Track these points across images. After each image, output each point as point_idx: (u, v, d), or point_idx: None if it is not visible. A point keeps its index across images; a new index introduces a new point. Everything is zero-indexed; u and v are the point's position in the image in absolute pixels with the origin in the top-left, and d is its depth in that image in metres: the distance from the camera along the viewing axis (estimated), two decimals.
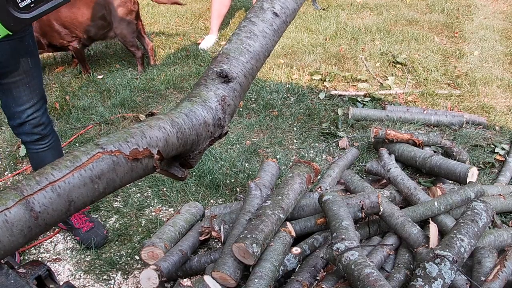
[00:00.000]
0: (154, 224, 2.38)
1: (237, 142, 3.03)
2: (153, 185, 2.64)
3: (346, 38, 4.60)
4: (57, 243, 2.33)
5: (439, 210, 2.11)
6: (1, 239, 0.65)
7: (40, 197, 0.69)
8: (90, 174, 0.75)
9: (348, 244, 1.74)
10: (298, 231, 2.07)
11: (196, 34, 4.79)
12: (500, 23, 4.99)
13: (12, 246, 0.67)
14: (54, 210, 0.71)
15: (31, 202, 0.68)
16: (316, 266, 1.90)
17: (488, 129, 3.17)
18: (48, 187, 0.70)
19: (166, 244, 2.03)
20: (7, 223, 0.66)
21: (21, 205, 0.67)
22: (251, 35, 1.19)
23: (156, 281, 1.82)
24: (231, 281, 1.80)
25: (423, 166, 2.54)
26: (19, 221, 0.67)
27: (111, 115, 3.31)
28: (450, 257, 1.70)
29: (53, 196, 0.71)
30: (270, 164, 2.38)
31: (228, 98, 1.10)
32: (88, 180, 0.75)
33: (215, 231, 2.11)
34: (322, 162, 2.84)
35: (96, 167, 0.76)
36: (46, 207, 0.70)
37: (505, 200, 2.30)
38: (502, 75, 3.90)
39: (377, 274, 1.61)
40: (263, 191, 2.17)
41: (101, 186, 0.77)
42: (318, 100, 3.52)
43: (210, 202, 2.53)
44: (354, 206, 2.04)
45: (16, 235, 0.67)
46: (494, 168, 2.75)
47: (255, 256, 1.78)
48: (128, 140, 0.82)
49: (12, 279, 0.71)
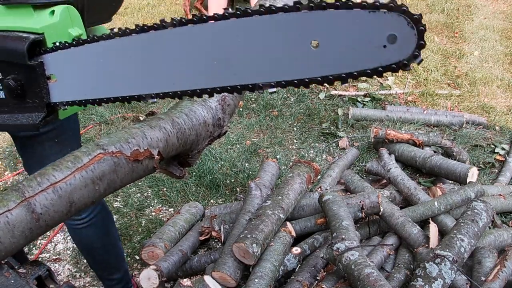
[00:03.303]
0: (154, 224, 2.38)
1: (237, 142, 3.03)
2: (153, 185, 2.64)
3: None
4: (57, 243, 2.33)
5: (439, 210, 2.11)
6: (3, 241, 0.65)
7: (41, 199, 0.69)
8: (91, 176, 0.75)
9: (348, 244, 1.74)
10: (298, 231, 2.07)
11: None
12: (500, 23, 4.99)
13: (13, 247, 0.67)
14: (55, 211, 0.71)
15: (33, 204, 0.68)
16: (316, 266, 1.90)
17: (488, 129, 3.17)
18: (50, 189, 0.70)
19: (166, 244, 2.03)
20: (9, 224, 0.66)
21: (23, 206, 0.67)
22: None
23: (156, 281, 1.82)
24: (231, 281, 1.80)
25: (423, 166, 2.54)
26: (21, 223, 0.67)
27: (111, 115, 3.31)
28: (450, 257, 1.70)
29: (55, 197, 0.71)
30: (270, 164, 2.38)
31: (228, 98, 1.10)
32: (89, 181, 0.75)
33: (215, 231, 2.11)
34: (322, 162, 2.84)
35: (97, 168, 0.76)
36: (47, 208, 0.70)
37: (505, 200, 2.30)
38: (502, 75, 3.90)
39: (377, 274, 1.61)
40: (263, 191, 2.17)
41: (101, 187, 0.77)
42: (318, 100, 3.51)
43: (210, 202, 2.53)
44: (354, 206, 2.04)
45: (17, 236, 0.67)
46: (494, 168, 2.75)
47: (255, 256, 1.78)
48: (129, 140, 0.82)
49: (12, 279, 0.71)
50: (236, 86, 0.80)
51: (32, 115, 1.02)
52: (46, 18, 1.00)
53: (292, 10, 0.69)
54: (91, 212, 1.61)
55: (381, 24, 0.64)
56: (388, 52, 0.65)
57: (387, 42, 0.65)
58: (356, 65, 0.68)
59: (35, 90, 0.99)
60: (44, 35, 0.97)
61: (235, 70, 0.78)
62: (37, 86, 0.98)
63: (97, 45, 0.89)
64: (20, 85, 0.99)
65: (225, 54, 0.78)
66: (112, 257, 1.75)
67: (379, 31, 0.65)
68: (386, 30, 0.64)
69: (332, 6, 0.67)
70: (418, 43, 0.64)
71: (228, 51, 0.78)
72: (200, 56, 0.81)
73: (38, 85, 0.98)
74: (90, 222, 1.62)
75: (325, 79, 0.71)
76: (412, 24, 0.63)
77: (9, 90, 0.99)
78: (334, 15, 0.67)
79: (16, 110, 1.04)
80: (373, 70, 0.67)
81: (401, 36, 0.63)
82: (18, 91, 1.00)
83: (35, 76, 0.98)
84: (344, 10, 0.66)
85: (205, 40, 0.79)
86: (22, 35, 0.97)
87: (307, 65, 0.71)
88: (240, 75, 0.78)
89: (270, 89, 0.77)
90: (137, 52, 0.86)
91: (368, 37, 0.66)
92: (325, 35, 0.68)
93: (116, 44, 0.88)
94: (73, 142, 1.43)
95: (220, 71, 0.80)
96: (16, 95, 1.00)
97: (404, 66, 0.65)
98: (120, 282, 1.80)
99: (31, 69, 0.97)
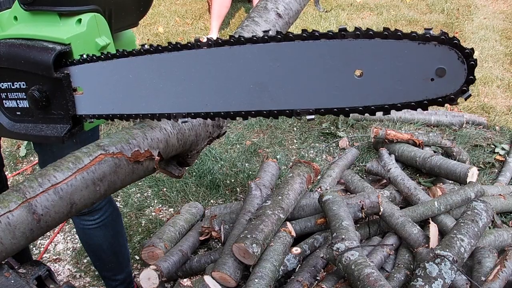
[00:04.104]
0: (154, 224, 2.38)
1: (237, 142, 3.03)
2: (153, 185, 2.64)
3: None
4: (57, 243, 2.33)
5: (439, 210, 2.11)
6: (4, 242, 0.65)
7: (42, 200, 0.69)
8: (92, 177, 0.75)
9: (348, 244, 1.74)
10: (298, 231, 2.07)
11: (196, 34, 4.79)
12: (500, 23, 4.99)
13: (14, 248, 0.67)
14: (56, 212, 0.71)
15: (34, 205, 0.68)
16: (316, 266, 1.90)
17: (488, 129, 3.17)
18: (51, 190, 0.70)
19: (166, 244, 2.03)
20: (10, 225, 0.66)
21: (24, 207, 0.67)
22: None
23: (156, 281, 1.82)
24: (231, 281, 1.80)
25: (423, 166, 2.54)
26: (22, 224, 0.67)
27: None
28: (450, 257, 1.70)
29: (55, 198, 0.71)
30: (270, 164, 2.39)
31: None
32: (90, 182, 0.75)
33: (215, 231, 2.11)
34: (322, 162, 2.84)
35: (98, 170, 0.76)
36: (48, 209, 0.70)
37: (505, 200, 2.30)
38: (502, 75, 3.90)
39: (377, 274, 1.61)
40: (263, 191, 2.17)
41: (102, 188, 0.77)
42: None
43: (210, 202, 2.53)
44: (354, 206, 2.04)
45: (18, 237, 0.67)
46: (494, 168, 2.75)
47: (255, 256, 1.78)
48: (130, 141, 0.82)
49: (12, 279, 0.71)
50: (273, 111, 0.76)
51: (57, 126, 0.99)
52: (72, 27, 0.95)
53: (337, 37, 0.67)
54: (103, 213, 1.62)
55: (431, 56, 0.62)
56: (435, 85, 0.63)
57: (435, 75, 0.62)
58: (400, 96, 0.66)
59: (60, 102, 0.96)
60: (70, 45, 0.93)
61: (273, 95, 0.75)
62: (62, 98, 0.95)
63: (128, 60, 0.86)
64: (45, 96, 0.96)
65: (264, 78, 0.75)
66: (119, 258, 1.75)
67: (427, 64, 0.62)
68: (435, 63, 0.62)
69: (379, 35, 0.64)
70: (467, 78, 0.62)
71: (267, 75, 0.74)
72: (237, 78, 0.77)
73: (64, 97, 0.94)
74: (102, 223, 1.63)
75: (366, 109, 0.69)
76: (463, 58, 0.61)
77: (34, 101, 0.96)
78: (381, 44, 0.64)
79: (40, 120, 1.01)
80: (417, 103, 0.65)
81: (450, 70, 0.61)
82: (43, 103, 0.96)
83: (60, 88, 0.94)
84: (393, 40, 0.63)
85: (242, 62, 0.76)
86: (47, 46, 0.93)
87: (349, 94, 0.69)
88: (277, 100, 0.75)
89: (308, 116, 0.74)
90: (170, 70, 0.83)
91: (415, 69, 0.64)
92: (370, 64, 0.66)
93: (148, 61, 0.84)
94: (92, 142, 1.42)
95: (257, 95, 0.76)
96: (41, 106, 0.97)
97: (451, 101, 0.63)
98: (123, 283, 1.81)
99: (57, 81, 0.93)
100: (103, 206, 1.61)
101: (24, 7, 0.97)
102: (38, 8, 0.96)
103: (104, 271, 1.79)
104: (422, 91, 0.64)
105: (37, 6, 0.96)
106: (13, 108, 1.05)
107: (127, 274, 1.82)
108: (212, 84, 0.80)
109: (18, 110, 1.04)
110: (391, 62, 0.64)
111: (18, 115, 1.05)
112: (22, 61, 0.94)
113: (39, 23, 0.98)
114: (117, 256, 1.74)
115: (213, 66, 0.79)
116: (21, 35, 0.98)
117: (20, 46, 0.95)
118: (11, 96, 1.04)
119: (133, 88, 0.88)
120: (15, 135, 1.07)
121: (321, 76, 0.70)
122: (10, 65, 0.96)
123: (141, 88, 0.87)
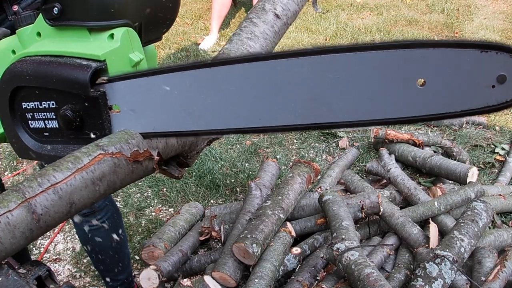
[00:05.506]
0: (154, 224, 2.38)
1: (237, 142, 3.03)
2: (153, 185, 2.64)
3: (346, 38, 4.60)
4: (57, 243, 2.33)
5: (439, 210, 2.11)
6: (3, 241, 0.65)
7: (42, 199, 0.69)
8: (91, 176, 0.75)
9: (348, 244, 1.74)
10: (298, 231, 2.07)
11: (196, 34, 4.79)
12: (500, 23, 4.99)
13: (13, 248, 0.67)
14: (56, 212, 0.71)
15: (33, 205, 0.68)
16: (316, 266, 1.90)
17: (488, 129, 3.17)
18: (50, 189, 0.70)
19: (166, 244, 2.03)
20: (9, 225, 0.66)
21: (23, 207, 0.67)
22: (252, 36, 1.19)
23: (156, 281, 1.82)
24: (231, 281, 1.80)
25: (423, 166, 2.54)
26: (21, 224, 0.67)
27: None
28: (450, 257, 1.70)
29: (55, 198, 0.71)
30: (270, 164, 2.39)
31: None
32: (89, 182, 0.75)
33: (215, 231, 2.11)
34: (322, 162, 2.84)
35: (97, 169, 0.76)
36: (47, 209, 0.69)
37: (505, 200, 2.30)
38: None
39: (377, 274, 1.61)
40: (263, 191, 2.17)
41: (101, 188, 0.77)
42: None
43: (210, 202, 2.53)
44: (354, 206, 2.04)
45: (18, 237, 0.67)
46: (494, 168, 2.75)
47: (255, 256, 1.78)
48: (129, 141, 0.82)
49: (12, 279, 0.71)
50: (332, 123, 0.74)
51: None
52: (105, 42, 0.88)
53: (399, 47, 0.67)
54: (105, 214, 1.62)
55: (492, 64, 0.64)
56: (496, 92, 0.65)
57: (496, 82, 0.64)
58: (462, 104, 0.67)
59: (95, 122, 0.88)
60: (106, 62, 0.86)
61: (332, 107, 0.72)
62: (98, 118, 0.87)
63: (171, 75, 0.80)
64: (79, 116, 0.88)
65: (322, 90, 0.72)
66: (120, 258, 1.75)
67: (489, 71, 0.64)
68: (496, 70, 0.64)
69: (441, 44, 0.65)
70: None
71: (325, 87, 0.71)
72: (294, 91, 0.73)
73: (100, 117, 0.87)
74: (104, 224, 1.63)
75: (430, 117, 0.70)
76: None
77: (66, 121, 0.88)
78: (444, 53, 0.65)
79: (71, 141, 0.93)
80: (478, 109, 0.67)
81: (510, 76, 0.64)
82: (76, 123, 0.89)
83: (96, 107, 0.86)
84: (456, 49, 0.65)
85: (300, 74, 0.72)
86: (81, 63, 0.86)
87: (411, 104, 0.69)
88: (337, 112, 0.72)
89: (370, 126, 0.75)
90: (216, 85, 0.77)
91: (477, 76, 0.65)
92: (433, 73, 0.67)
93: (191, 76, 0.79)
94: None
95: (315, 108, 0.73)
96: (74, 127, 0.89)
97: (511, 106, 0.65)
98: (124, 283, 1.81)
99: (92, 100, 0.86)
100: (104, 206, 1.61)
101: (50, 23, 0.90)
102: (66, 23, 0.89)
103: (105, 272, 1.80)
104: (484, 98, 0.66)
105: (65, 21, 0.89)
106: (40, 129, 0.97)
107: (128, 274, 1.82)
108: (265, 98, 0.75)
109: (46, 131, 0.96)
110: (454, 70, 0.66)
111: (46, 136, 0.97)
112: (53, 79, 0.87)
113: (67, 39, 0.91)
114: (119, 256, 1.74)
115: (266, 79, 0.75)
116: (48, 52, 0.90)
117: (50, 64, 0.88)
118: (38, 117, 0.95)
119: (176, 105, 0.82)
120: (44, 157, 0.99)
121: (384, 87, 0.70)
122: (38, 84, 0.89)
123: (185, 105, 0.81)
